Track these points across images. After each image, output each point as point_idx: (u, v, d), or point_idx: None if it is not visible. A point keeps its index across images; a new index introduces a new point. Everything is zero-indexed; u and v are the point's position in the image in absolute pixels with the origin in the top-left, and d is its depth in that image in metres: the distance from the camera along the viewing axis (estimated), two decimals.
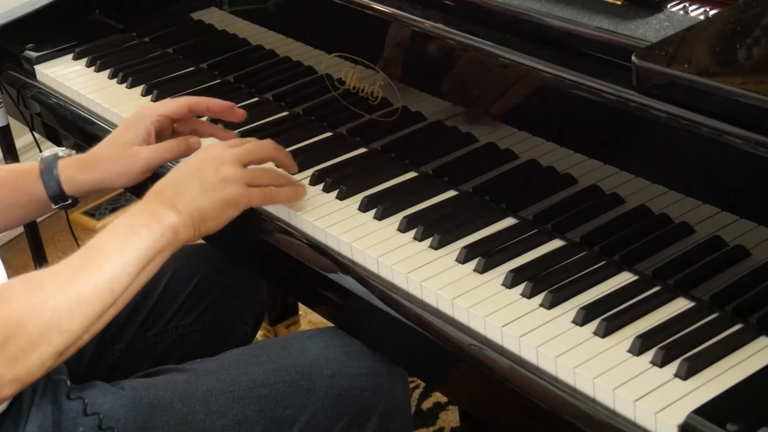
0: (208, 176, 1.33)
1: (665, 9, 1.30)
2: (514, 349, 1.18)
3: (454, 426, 2.14)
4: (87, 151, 1.52)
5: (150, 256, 1.26)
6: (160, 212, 1.29)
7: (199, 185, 1.32)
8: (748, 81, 1.14)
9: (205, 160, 1.36)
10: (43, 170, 1.48)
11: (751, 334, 1.14)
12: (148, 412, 1.30)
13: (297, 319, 2.36)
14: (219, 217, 1.34)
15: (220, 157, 1.36)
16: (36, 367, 1.15)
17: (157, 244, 1.27)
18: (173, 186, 1.32)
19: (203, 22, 1.86)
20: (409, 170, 1.50)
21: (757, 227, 1.16)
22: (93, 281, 1.20)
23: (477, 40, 1.37)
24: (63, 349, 1.18)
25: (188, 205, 1.30)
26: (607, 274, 1.26)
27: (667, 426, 1.05)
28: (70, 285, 1.19)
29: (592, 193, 1.30)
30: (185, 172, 1.34)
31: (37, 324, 1.14)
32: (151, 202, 1.31)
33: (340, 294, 1.37)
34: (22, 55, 1.96)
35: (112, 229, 1.26)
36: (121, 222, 1.28)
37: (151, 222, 1.27)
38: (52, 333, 1.16)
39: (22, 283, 1.18)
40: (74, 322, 1.18)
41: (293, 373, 1.36)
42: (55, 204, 1.49)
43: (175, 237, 1.29)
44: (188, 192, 1.31)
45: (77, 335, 1.19)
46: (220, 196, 1.33)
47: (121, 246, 1.24)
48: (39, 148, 1.98)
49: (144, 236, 1.26)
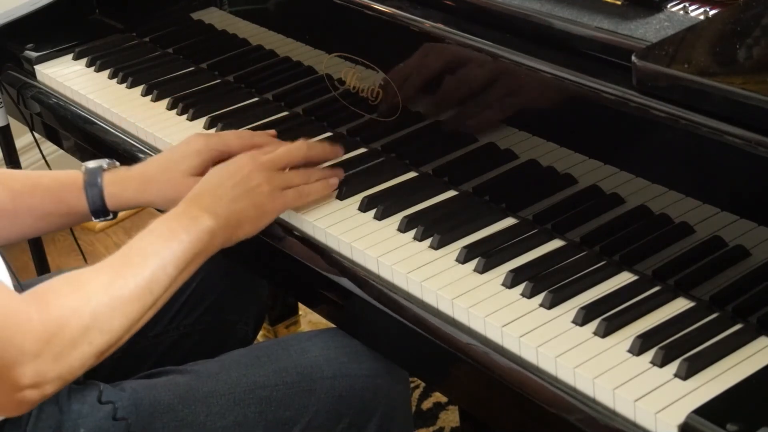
0: (244, 182, 1.36)
1: (665, 9, 1.30)
2: (514, 349, 1.18)
3: (454, 426, 2.14)
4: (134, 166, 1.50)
5: (188, 259, 1.28)
6: (199, 216, 1.31)
7: (237, 190, 1.35)
8: (748, 81, 1.14)
9: (241, 166, 1.38)
10: (87, 183, 1.47)
11: (751, 334, 1.14)
12: (148, 413, 1.30)
13: (297, 319, 2.36)
14: (256, 221, 1.37)
15: (254, 163, 1.38)
16: (78, 366, 1.17)
17: (195, 246, 1.29)
18: (212, 191, 1.35)
19: (203, 22, 1.86)
20: (409, 170, 1.50)
21: (757, 227, 1.16)
22: (133, 282, 1.22)
23: (477, 40, 1.37)
24: (104, 348, 1.19)
25: (226, 209, 1.33)
26: (607, 274, 1.26)
27: (667, 426, 1.05)
28: (111, 285, 1.20)
29: (592, 193, 1.30)
30: (223, 178, 1.36)
31: (80, 323, 1.16)
32: (189, 205, 1.33)
33: (340, 294, 1.37)
34: (22, 55, 1.96)
35: (152, 230, 1.28)
36: (160, 224, 1.29)
37: (189, 225, 1.29)
38: (94, 332, 1.17)
39: (64, 282, 1.19)
40: (115, 322, 1.19)
41: (294, 374, 1.36)
42: (96, 218, 1.48)
43: (211, 241, 1.31)
44: (226, 197, 1.34)
45: (118, 335, 1.20)
46: (257, 201, 1.36)
47: (161, 248, 1.26)
48: (39, 148, 1.99)
49: (183, 239, 1.28)
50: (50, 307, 1.15)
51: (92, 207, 1.47)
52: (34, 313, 1.13)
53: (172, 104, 1.74)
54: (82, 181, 1.47)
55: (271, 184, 1.38)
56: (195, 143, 1.49)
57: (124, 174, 1.49)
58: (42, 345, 1.12)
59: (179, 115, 1.72)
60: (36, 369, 1.12)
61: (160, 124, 1.71)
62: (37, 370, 1.12)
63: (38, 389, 1.13)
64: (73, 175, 1.49)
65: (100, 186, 1.46)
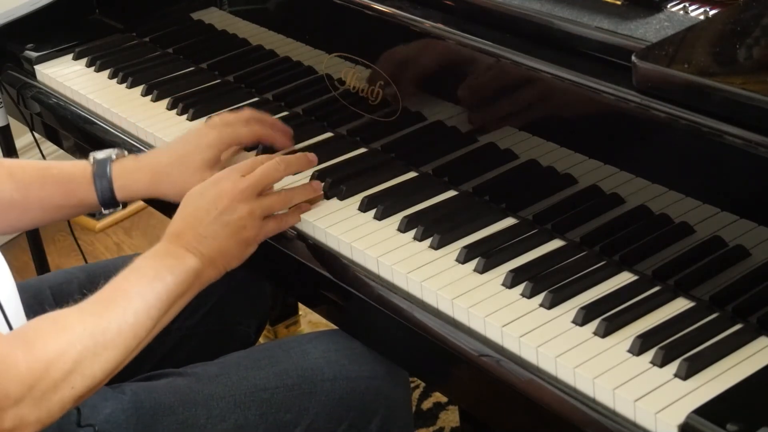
0: (226, 214, 1.32)
1: (665, 9, 1.30)
2: (514, 349, 1.18)
3: (454, 426, 2.14)
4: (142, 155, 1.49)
5: (172, 300, 1.26)
6: (184, 256, 1.29)
7: (218, 227, 1.32)
8: (748, 81, 1.14)
9: (220, 196, 1.34)
10: (96, 174, 1.46)
11: (751, 334, 1.14)
12: (149, 416, 1.30)
13: (297, 319, 2.36)
14: (240, 255, 1.35)
15: (233, 192, 1.34)
16: (57, 410, 1.15)
17: (179, 288, 1.27)
18: (193, 228, 1.32)
19: (203, 22, 1.86)
20: (409, 170, 1.50)
21: (757, 227, 1.16)
22: (116, 326, 1.20)
23: (477, 40, 1.37)
24: (85, 392, 1.17)
25: (210, 247, 1.31)
26: (607, 274, 1.26)
27: (667, 426, 1.05)
28: (95, 329, 1.18)
29: (592, 193, 1.30)
30: (203, 210, 1.33)
31: (63, 368, 1.14)
32: (172, 243, 1.31)
33: (340, 294, 1.37)
34: (22, 55, 1.96)
35: (137, 270, 1.26)
36: (145, 264, 1.27)
37: (174, 265, 1.28)
38: (76, 377, 1.15)
39: (50, 323, 1.17)
40: (96, 367, 1.17)
41: (294, 376, 1.36)
42: (105, 209, 1.48)
43: (198, 279, 1.30)
44: (209, 235, 1.31)
45: (99, 380, 1.18)
46: (240, 237, 1.33)
47: (146, 290, 1.24)
48: (39, 148, 1.99)
49: (168, 281, 1.26)
50: (36, 350, 1.13)
51: (101, 199, 1.47)
52: (21, 356, 1.11)
53: (172, 104, 1.74)
54: (91, 173, 1.46)
55: (252, 216, 1.34)
56: (207, 136, 1.47)
57: (133, 165, 1.47)
58: (26, 390, 1.10)
59: (179, 115, 1.72)
60: (17, 413, 1.10)
61: (160, 124, 1.71)
62: (17, 414, 1.10)
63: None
64: (82, 166, 1.48)
65: (109, 177, 1.46)
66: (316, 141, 1.61)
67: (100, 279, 1.57)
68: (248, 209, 1.34)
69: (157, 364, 1.51)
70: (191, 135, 1.49)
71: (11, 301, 1.27)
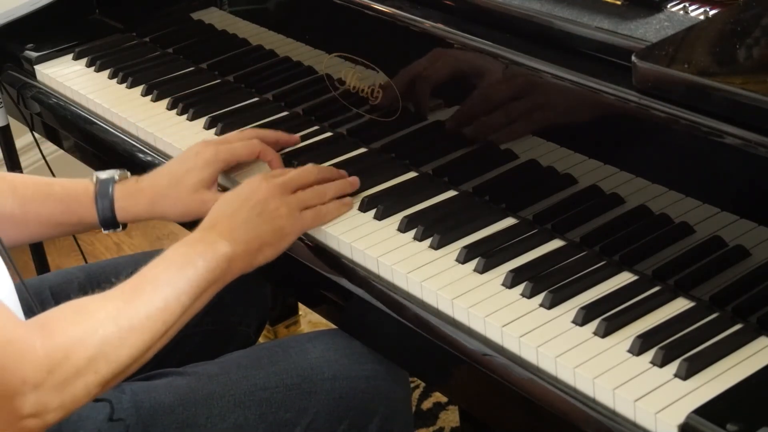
0: (261, 206, 1.33)
1: (665, 9, 1.30)
2: (514, 349, 1.18)
3: (454, 426, 2.14)
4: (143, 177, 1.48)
5: (204, 287, 1.26)
6: (217, 243, 1.28)
7: (254, 216, 1.32)
8: (748, 81, 1.14)
9: (255, 190, 1.35)
10: (98, 194, 1.46)
11: (751, 334, 1.14)
12: (149, 415, 1.30)
13: (297, 319, 2.36)
14: (276, 245, 1.34)
15: (268, 187, 1.36)
16: (82, 395, 1.14)
17: (211, 274, 1.26)
18: (229, 217, 1.32)
19: (203, 22, 1.86)
20: (409, 170, 1.50)
21: (757, 227, 1.16)
22: (144, 311, 1.19)
23: (477, 40, 1.37)
24: (110, 378, 1.16)
25: (244, 235, 1.31)
26: (607, 274, 1.26)
27: (667, 426, 1.05)
28: (121, 314, 1.17)
29: (592, 193, 1.31)
30: (238, 203, 1.34)
31: (85, 354, 1.13)
32: (206, 232, 1.31)
33: (340, 294, 1.37)
34: (22, 55, 1.96)
35: (166, 258, 1.25)
36: (176, 251, 1.27)
37: (206, 251, 1.27)
38: (100, 362, 1.14)
39: (71, 311, 1.17)
40: (123, 353, 1.16)
41: (294, 376, 1.36)
42: (105, 229, 1.48)
43: (229, 268, 1.29)
44: (244, 223, 1.31)
45: (125, 365, 1.17)
46: (276, 225, 1.33)
47: (176, 276, 1.23)
48: (39, 148, 1.99)
49: (199, 266, 1.25)
50: (55, 335, 1.12)
51: (102, 219, 1.46)
52: (38, 341, 1.10)
53: (172, 104, 1.74)
54: (93, 193, 1.46)
55: (289, 207, 1.35)
56: (204, 154, 1.47)
57: (134, 186, 1.47)
58: (44, 374, 1.09)
59: (179, 115, 1.72)
60: (37, 399, 1.09)
61: (160, 124, 1.71)
62: (38, 400, 1.09)
63: (39, 418, 1.10)
64: (84, 185, 1.47)
65: (111, 198, 1.45)
66: (316, 141, 1.61)
67: (101, 279, 1.58)
68: (283, 200, 1.35)
69: (157, 364, 1.51)
70: (188, 154, 1.49)
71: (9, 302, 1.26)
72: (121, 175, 1.48)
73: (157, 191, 1.46)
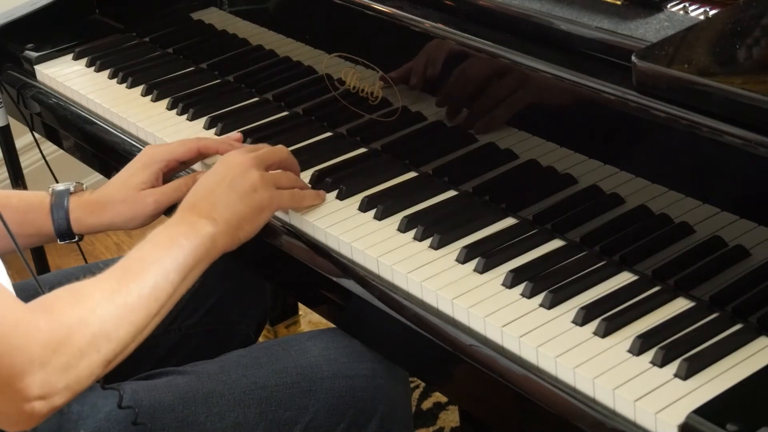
0: (237, 183, 1.35)
1: (665, 9, 1.30)
2: (514, 349, 1.18)
3: (454, 426, 2.14)
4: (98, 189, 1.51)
5: (191, 265, 1.27)
6: (198, 222, 1.30)
7: (231, 193, 1.34)
8: (748, 81, 1.14)
9: (230, 166, 1.37)
10: (54, 205, 1.48)
11: (751, 334, 1.14)
12: (149, 414, 1.30)
13: (297, 319, 2.36)
14: (254, 220, 1.36)
15: (243, 163, 1.37)
16: (86, 375, 1.15)
17: (196, 252, 1.28)
18: (206, 197, 1.34)
19: (203, 22, 1.86)
20: (409, 170, 1.50)
21: (757, 227, 1.16)
22: (137, 290, 1.21)
23: (477, 40, 1.37)
24: (112, 357, 1.17)
25: (224, 213, 1.32)
26: (607, 274, 1.26)
27: (667, 426, 1.05)
28: (115, 295, 1.19)
29: (592, 193, 1.31)
30: (214, 182, 1.36)
31: (86, 333, 1.14)
32: (187, 213, 1.33)
33: (340, 294, 1.37)
34: (22, 55, 1.96)
35: (151, 239, 1.27)
36: (159, 232, 1.29)
37: (189, 231, 1.29)
38: (101, 341, 1.15)
39: (68, 293, 1.18)
40: (122, 331, 1.18)
41: (294, 374, 1.36)
42: (61, 240, 1.50)
43: (213, 245, 1.31)
44: (222, 201, 1.33)
45: (125, 343, 1.19)
46: (253, 200, 1.35)
47: (162, 255, 1.25)
48: (39, 148, 1.99)
49: (183, 245, 1.27)
50: (56, 316, 1.13)
51: (57, 230, 1.48)
52: (42, 321, 1.11)
53: (172, 104, 1.74)
54: (49, 204, 1.48)
55: (264, 182, 1.37)
56: (141, 158, 1.51)
57: (88, 198, 1.50)
58: (50, 353, 1.10)
59: (179, 115, 1.72)
60: (44, 379, 1.10)
61: (160, 124, 1.71)
62: (45, 380, 1.10)
63: (47, 401, 1.11)
64: (41, 196, 1.50)
65: (66, 209, 1.48)
66: (316, 141, 1.61)
67: None
68: (258, 175, 1.37)
69: (157, 364, 1.52)
70: (131, 161, 1.53)
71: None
72: (76, 186, 1.50)
73: (106, 199, 1.49)
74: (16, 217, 1.47)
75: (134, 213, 1.48)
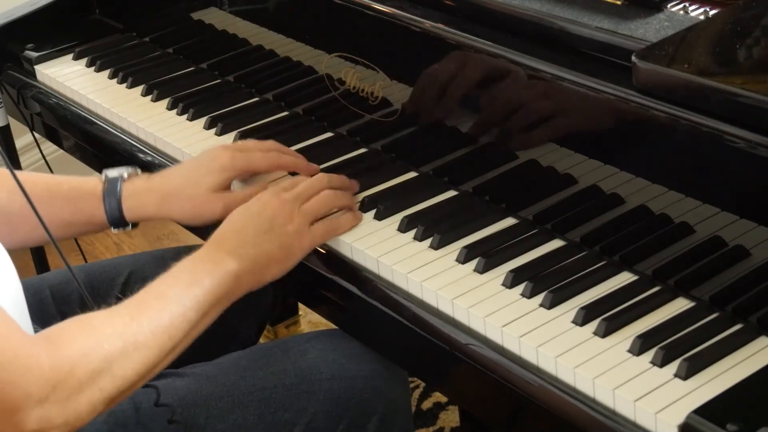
0: (269, 222, 1.31)
1: (665, 9, 1.30)
2: (514, 349, 1.18)
3: (454, 426, 2.14)
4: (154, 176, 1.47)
5: (211, 303, 1.24)
6: (224, 260, 1.27)
7: (261, 232, 1.31)
8: (748, 81, 1.14)
9: (264, 205, 1.33)
10: (106, 192, 1.43)
11: (751, 334, 1.14)
12: (147, 416, 1.30)
13: (297, 319, 2.36)
14: (284, 260, 1.32)
15: (277, 202, 1.34)
16: (86, 412, 1.11)
17: (218, 290, 1.25)
18: (236, 234, 1.31)
19: (203, 22, 1.86)
20: (409, 170, 1.50)
21: (757, 227, 1.16)
22: (149, 327, 1.17)
23: (477, 40, 1.37)
24: (116, 394, 1.14)
25: (252, 252, 1.29)
26: (607, 274, 1.26)
27: (667, 426, 1.05)
28: (127, 330, 1.15)
29: (592, 193, 1.30)
30: (246, 219, 1.32)
31: (89, 368, 1.11)
32: (213, 249, 1.29)
33: (340, 294, 1.37)
34: (22, 55, 1.96)
35: (173, 274, 1.24)
36: (183, 268, 1.26)
37: (213, 269, 1.26)
38: (105, 378, 1.12)
39: (77, 325, 1.15)
40: (128, 368, 1.14)
41: (293, 376, 1.36)
42: (114, 228, 1.45)
43: (237, 284, 1.28)
44: (251, 239, 1.30)
45: (131, 381, 1.15)
46: (283, 242, 1.32)
47: (182, 293, 1.22)
48: (39, 148, 1.99)
49: (205, 283, 1.24)
50: (60, 349, 1.10)
51: (110, 218, 1.44)
52: (44, 355, 1.09)
53: (172, 104, 1.74)
54: (101, 191, 1.44)
55: (297, 222, 1.33)
56: (220, 159, 1.44)
57: (144, 185, 1.45)
58: (48, 390, 1.08)
59: (179, 115, 1.72)
60: (41, 414, 1.07)
61: (160, 124, 1.71)
62: (42, 416, 1.07)
63: None
64: (93, 183, 1.45)
65: (118, 197, 1.43)
66: (316, 141, 1.61)
67: (101, 279, 1.58)
68: (291, 215, 1.33)
69: None
70: (204, 157, 1.47)
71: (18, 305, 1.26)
72: (130, 172, 1.46)
73: (168, 191, 1.44)
74: (69, 206, 1.44)
75: (199, 213, 1.43)
